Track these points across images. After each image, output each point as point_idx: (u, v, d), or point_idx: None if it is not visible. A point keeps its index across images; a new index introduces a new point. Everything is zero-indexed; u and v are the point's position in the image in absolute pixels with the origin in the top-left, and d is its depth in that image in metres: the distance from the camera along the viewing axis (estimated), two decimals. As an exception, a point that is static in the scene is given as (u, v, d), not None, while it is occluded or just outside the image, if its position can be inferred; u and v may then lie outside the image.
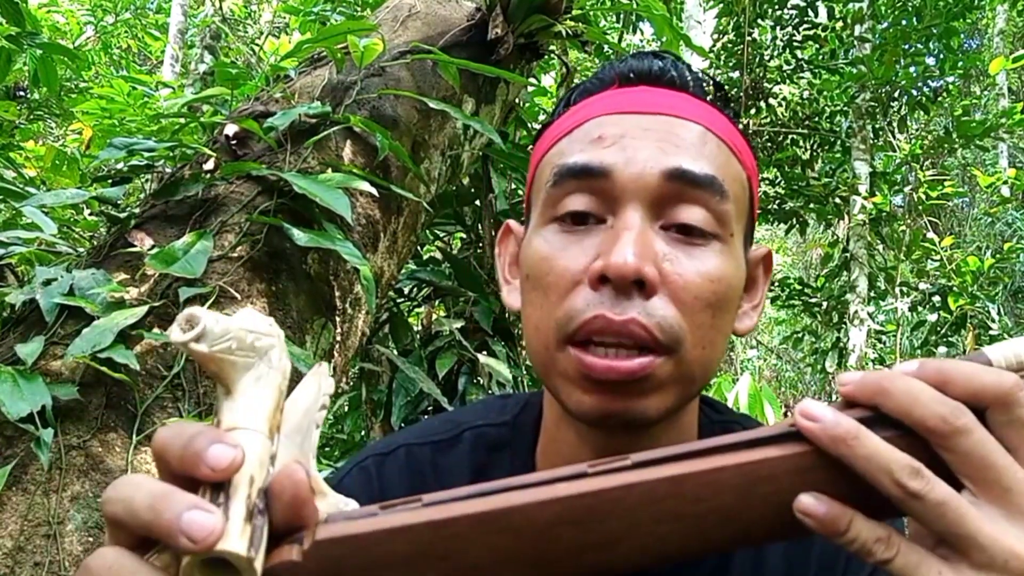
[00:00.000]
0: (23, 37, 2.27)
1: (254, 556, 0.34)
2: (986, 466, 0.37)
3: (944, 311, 6.01)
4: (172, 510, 0.33)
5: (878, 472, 0.37)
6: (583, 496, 0.37)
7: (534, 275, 0.58)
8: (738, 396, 3.81)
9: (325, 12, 3.50)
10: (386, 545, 0.36)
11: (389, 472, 0.69)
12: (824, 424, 0.38)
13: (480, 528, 0.37)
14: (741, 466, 0.38)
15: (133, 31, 7.68)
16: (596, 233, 0.56)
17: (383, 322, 2.70)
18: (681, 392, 0.56)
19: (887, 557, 0.38)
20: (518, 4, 2.21)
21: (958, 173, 10.15)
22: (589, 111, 0.61)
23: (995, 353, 0.42)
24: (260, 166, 1.73)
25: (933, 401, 0.38)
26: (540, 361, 0.58)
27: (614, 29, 5.12)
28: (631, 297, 0.53)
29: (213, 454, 0.34)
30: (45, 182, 2.89)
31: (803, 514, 0.38)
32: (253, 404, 0.38)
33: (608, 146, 0.57)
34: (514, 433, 0.69)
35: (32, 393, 1.30)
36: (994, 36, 11.04)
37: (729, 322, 0.58)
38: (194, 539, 0.32)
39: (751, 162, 0.63)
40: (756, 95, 6.28)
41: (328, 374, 0.42)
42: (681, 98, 0.61)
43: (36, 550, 1.27)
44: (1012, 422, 0.38)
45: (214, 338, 0.37)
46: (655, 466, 0.38)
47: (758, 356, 11.52)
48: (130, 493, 0.35)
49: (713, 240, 0.56)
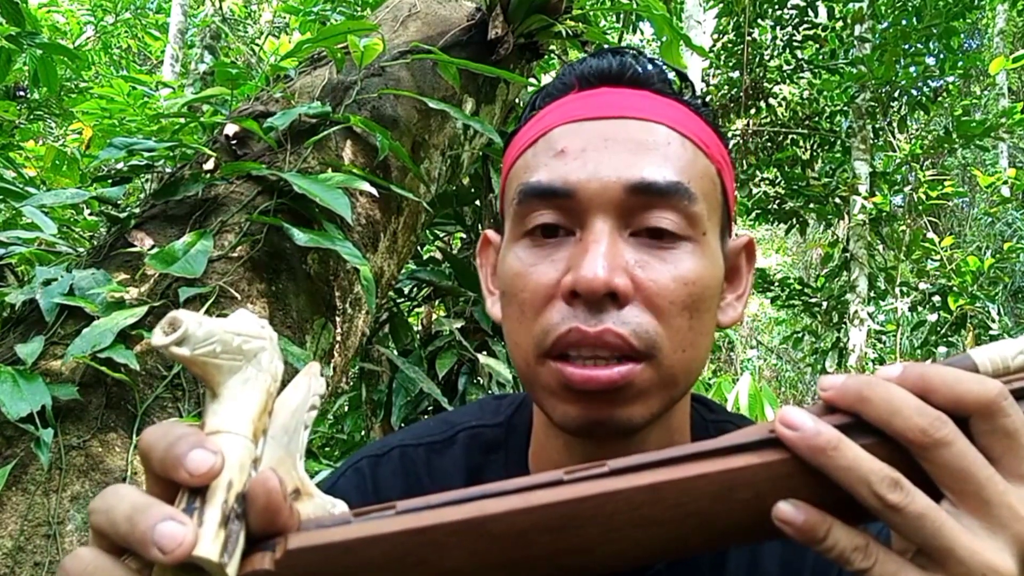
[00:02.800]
0: (23, 37, 2.27)
1: (227, 562, 0.34)
2: (966, 478, 0.37)
3: (944, 311, 6.01)
4: (146, 522, 0.34)
5: (857, 483, 0.37)
6: (560, 504, 0.37)
7: (509, 292, 0.58)
8: (738, 396, 3.80)
9: (325, 12, 3.50)
10: (360, 553, 0.36)
11: (383, 473, 0.69)
12: (804, 433, 0.38)
13: (456, 536, 0.37)
14: (720, 473, 0.38)
15: (133, 31, 7.68)
16: (566, 246, 0.56)
17: (383, 322, 2.70)
18: (664, 396, 0.56)
19: (865, 566, 0.37)
20: (518, 4, 2.21)
21: (958, 173, 10.15)
22: (551, 119, 0.60)
23: (980, 356, 0.41)
24: (260, 166, 1.73)
25: (914, 412, 0.37)
26: (523, 375, 0.58)
27: (614, 29, 5.12)
28: (605, 308, 0.53)
29: (192, 460, 0.35)
30: (45, 182, 2.89)
31: (781, 522, 0.38)
32: (238, 407, 0.37)
33: (570, 161, 0.57)
34: (508, 434, 0.69)
35: (32, 393, 1.30)
36: (994, 36, 11.04)
37: (709, 321, 0.58)
38: (164, 550, 0.33)
39: (721, 153, 0.62)
40: (756, 95, 6.28)
41: (319, 374, 0.42)
42: (643, 97, 0.60)
43: (36, 550, 1.27)
44: (995, 431, 0.37)
45: (196, 341, 0.37)
46: (633, 473, 0.38)
47: (758, 356, 11.53)
48: (113, 504, 0.36)
49: (684, 242, 0.56)
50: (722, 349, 10.74)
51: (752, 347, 11.69)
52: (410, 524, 0.36)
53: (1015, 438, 0.37)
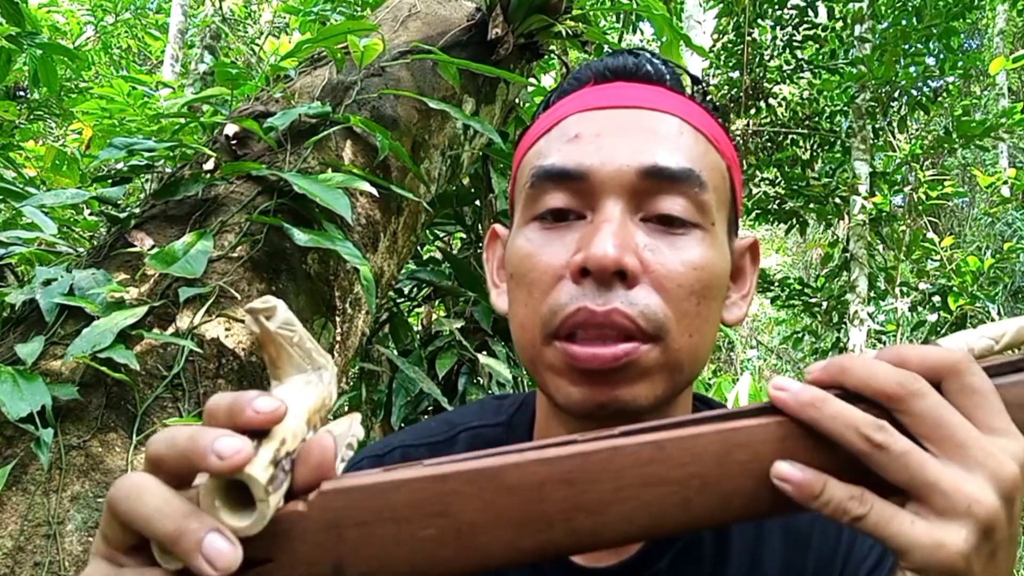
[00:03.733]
0: (23, 37, 2.27)
1: (271, 491, 0.36)
2: (941, 424, 0.40)
3: (944, 311, 6.00)
4: (208, 436, 0.36)
5: (845, 429, 0.39)
6: (573, 456, 0.40)
7: (518, 273, 0.59)
8: (738, 396, 3.81)
9: (325, 12, 3.50)
10: (384, 498, 0.38)
11: None
12: (792, 391, 0.41)
13: (475, 485, 0.39)
14: (719, 432, 0.40)
15: (133, 31, 7.68)
16: (577, 228, 0.57)
17: (383, 322, 2.70)
18: (669, 380, 0.56)
19: (861, 512, 0.39)
20: (518, 4, 2.21)
21: (958, 173, 10.15)
22: (566, 109, 0.61)
23: (947, 343, 0.46)
24: (260, 166, 1.73)
25: (890, 371, 0.41)
26: (528, 357, 0.59)
27: (614, 29, 5.12)
28: (613, 288, 0.53)
29: (259, 402, 0.37)
30: (45, 182, 2.88)
31: (780, 479, 0.40)
32: (298, 396, 0.40)
33: (584, 145, 0.57)
34: (509, 433, 0.69)
35: (32, 393, 1.30)
36: (994, 36, 11.04)
37: (716, 311, 0.58)
38: (222, 456, 0.35)
39: (731, 152, 0.63)
40: (756, 95, 6.28)
41: (360, 422, 0.45)
42: (657, 91, 0.61)
43: (36, 550, 1.27)
44: (963, 389, 0.41)
45: (282, 321, 0.40)
46: (640, 434, 0.41)
47: (758, 356, 11.52)
48: (174, 433, 0.38)
49: (694, 229, 0.56)
50: (722, 349, 10.74)
51: (752, 347, 11.68)
52: (430, 472, 0.39)
53: (982, 394, 0.41)
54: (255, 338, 0.41)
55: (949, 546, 0.38)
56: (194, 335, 1.51)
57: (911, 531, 0.39)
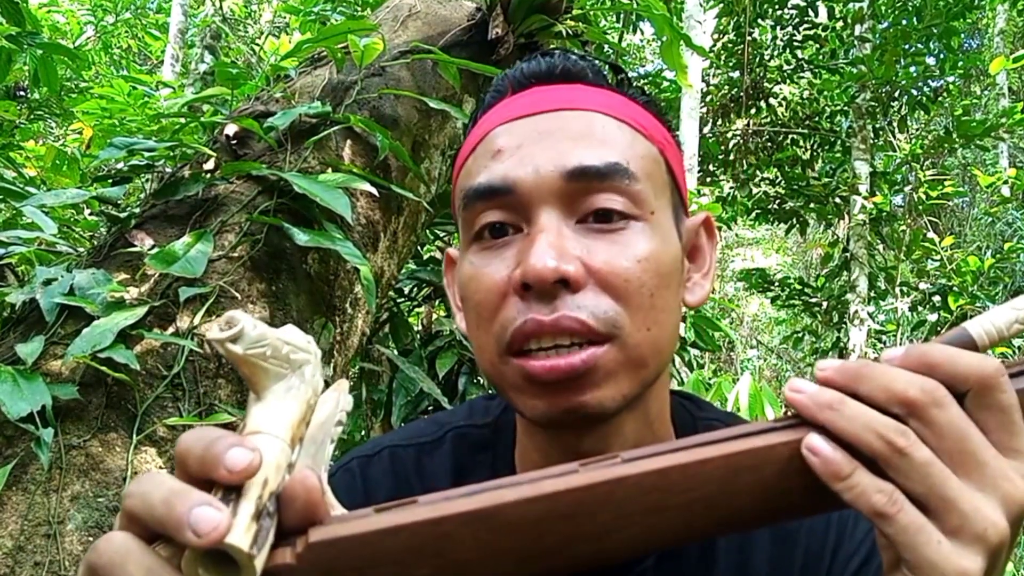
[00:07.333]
0: (23, 37, 2.27)
1: (255, 554, 0.35)
2: (962, 439, 0.38)
3: (944, 311, 6.01)
4: (183, 506, 0.34)
5: (864, 431, 0.38)
6: (573, 491, 0.38)
7: (466, 297, 0.59)
8: (738, 396, 3.80)
9: (325, 12, 3.50)
10: (378, 545, 0.37)
11: (374, 474, 0.69)
12: (809, 393, 0.39)
13: (471, 526, 0.37)
14: (726, 457, 0.39)
15: (133, 31, 7.68)
16: (515, 243, 0.56)
17: (383, 322, 2.70)
18: (634, 378, 0.55)
19: (888, 510, 0.37)
20: (518, 4, 2.21)
21: (958, 173, 10.15)
22: (489, 123, 0.61)
23: (975, 328, 0.42)
24: (260, 166, 1.73)
25: (912, 378, 0.38)
26: (491, 378, 0.58)
27: (614, 29, 5.12)
28: (558, 296, 0.53)
29: (231, 457, 0.35)
30: (45, 182, 2.88)
31: (810, 451, 0.38)
32: (279, 412, 0.39)
33: (507, 159, 0.57)
34: (495, 434, 0.69)
35: (32, 393, 1.30)
36: (994, 36, 11.04)
37: (673, 298, 0.58)
38: (199, 533, 0.33)
39: (663, 135, 0.62)
40: (756, 95, 6.28)
41: (347, 391, 0.44)
42: (576, 90, 0.61)
43: (36, 550, 1.27)
44: (990, 406, 0.39)
45: (250, 341, 0.38)
46: (643, 460, 0.39)
47: (758, 356, 11.52)
48: (150, 488, 0.36)
49: (633, 221, 0.56)
50: (722, 349, 10.73)
51: (752, 347, 11.69)
52: (425, 515, 0.37)
53: (1008, 413, 0.39)
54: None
55: (969, 574, 0.36)
56: (194, 335, 1.51)
57: (937, 551, 0.37)
